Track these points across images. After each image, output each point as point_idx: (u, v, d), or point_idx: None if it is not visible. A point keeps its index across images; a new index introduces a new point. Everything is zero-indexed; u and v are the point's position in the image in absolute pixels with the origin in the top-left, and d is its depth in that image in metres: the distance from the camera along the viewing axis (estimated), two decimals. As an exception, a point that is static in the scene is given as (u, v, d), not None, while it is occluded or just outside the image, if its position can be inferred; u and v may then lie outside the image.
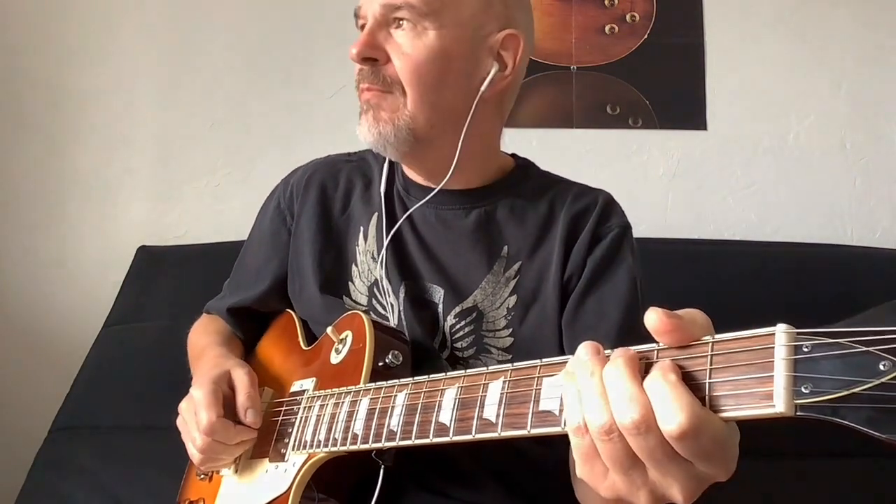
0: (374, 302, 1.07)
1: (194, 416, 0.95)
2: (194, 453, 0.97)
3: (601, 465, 0.56)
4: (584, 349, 0.58)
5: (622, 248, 1.04)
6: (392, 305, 1.05)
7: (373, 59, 0.99)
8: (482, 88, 1.01)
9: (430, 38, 0.97)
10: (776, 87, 2.07)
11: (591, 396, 0.55)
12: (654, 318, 0.54)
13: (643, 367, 0.55)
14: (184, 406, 0.99)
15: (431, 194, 1.05)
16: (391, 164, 1.13)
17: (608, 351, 0.58)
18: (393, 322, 1.05)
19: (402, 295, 1.04)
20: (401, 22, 0.98)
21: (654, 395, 0.52)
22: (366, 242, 1.10)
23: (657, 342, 0.56)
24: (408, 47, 0.98)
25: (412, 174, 1.10)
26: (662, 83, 2.09)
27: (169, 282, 1.85)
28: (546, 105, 2.07)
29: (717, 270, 1.78)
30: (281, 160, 1.26)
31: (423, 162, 1.06)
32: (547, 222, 1.06)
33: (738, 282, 1.75)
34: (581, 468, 0.58)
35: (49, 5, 2.11)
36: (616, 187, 1.13)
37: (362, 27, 1.01)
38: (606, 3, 2.10)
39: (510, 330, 1.02)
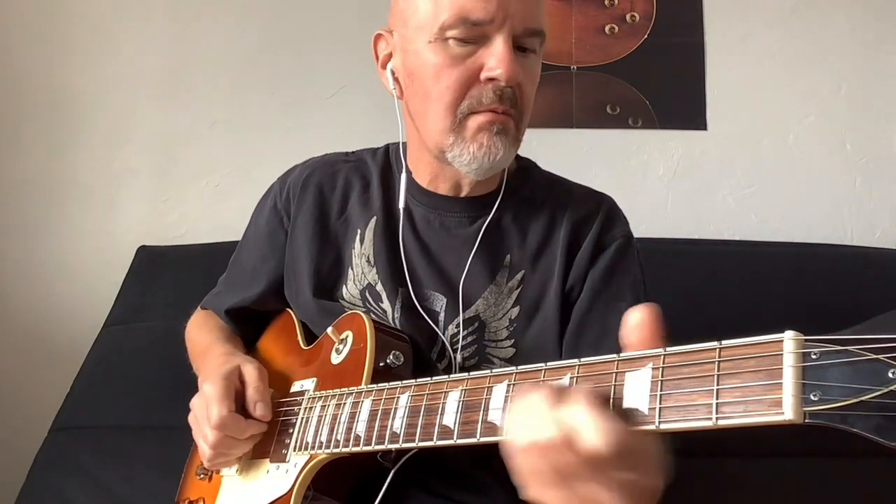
0: (366, 306, 1.06)
1: (206, 412, 0.94)
2: (205, 450, 0.96)
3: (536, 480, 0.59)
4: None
5: (625, 259, 1.03)
6: (385, 311, 1.04)
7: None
8: None
9: (540, 66, 0.99)
10: (776, 87, 2.07)
11: (517, 417, 0.60)
12: (640, 312, 0.59)
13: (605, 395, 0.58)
14: (196, 402, 0.98)
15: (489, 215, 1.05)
16: (395, 165, 1.12)
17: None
18: None
19: (398, 301, 1.03)
20: (527, 48, 0.95)
21: (572, 418, 0.55)
22: (361, 246, 1.08)
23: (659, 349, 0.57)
24: (535, 74, 0.97)
25: (421, 178, 1.07)
26: (662, 83, 2.09)
27: (169, 282, 1.84)
28: (546, 105, 2.06)
29: (717, 270, 1.78)
30: (281, 160, 1.26)
31: (482, 181, 1.04)
32: (549, 229, 1.04)
33: (738, 282, 1.76)
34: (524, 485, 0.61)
35: (49, 5, 2.10)
36: (616, 187, 1.13)
37: (472, 39, 0.93)
38: (606, 3, 2.10)
39: (512, 341, 1.01)
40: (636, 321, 0.58)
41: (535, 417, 0.57)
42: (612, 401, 0.57)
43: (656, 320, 0.58)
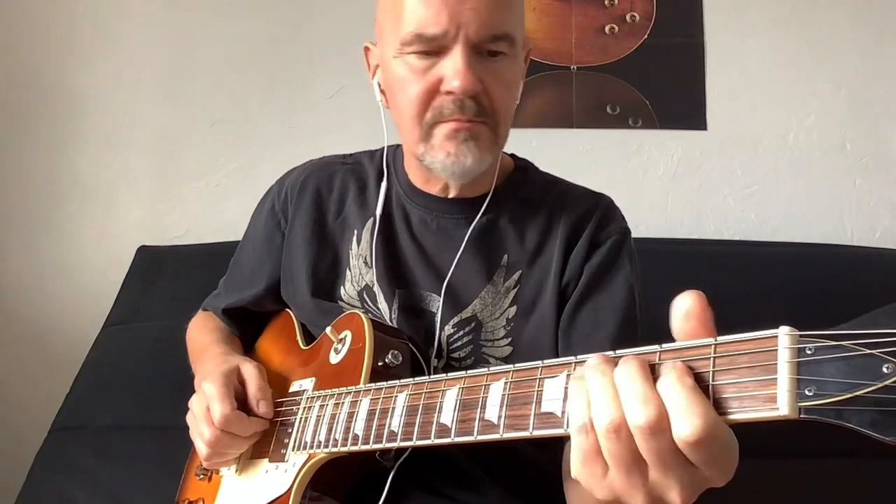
0: (364, 307, 1.06)
1: (205, 411, 0.94)
2: (202, 448, 0.96)
3: (602, 464, 0.56)
4: (595, 357, 0.58)
5: (620, 254, 1.03)
6: (382, 312, 1.04)
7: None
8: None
9: (518, 66, 0.98)
10: (776, 87, 2.07)
11: (601, 395, 0.55)
12: (690, 300, 0.54)
13: (652, 371, 0.55)
14: (195, 401, 0.98)
15: (483, 213, 1.04)
16: (388, 168, 1.12)
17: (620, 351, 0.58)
18: None
19: (395, 302, 1.03)
20: (497, 52, 0.93)
21: (669, 399, 0.51)
22: (359, 246, 1.09)
23: (655, 345, 0.56)
24: (508, 78, 0.96)
25: (415, 180, 1.08)
26: (662, 83, 2.09)
27: (169, 282, 1.85)
28: (546, 105, 2.07)
29: (717, 270, 1.78)
30: (281, 160, 1.26)
31: (469, 182, 1.03)
32: (547, 228, 1.05)
33: (738, 282, 1.75)
34: (580, 467, 0.57)
35: (49, 6, 2.10)
36: (616, 187, 1.13)
37: (432, 52, 0.93)
38: (606, 3, 2.10)
39: (509, 339, 1.01)
40: (685, 310, 0.54)
41: (629, 396, 0.53)
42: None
43: (705, 309, 0.53)
